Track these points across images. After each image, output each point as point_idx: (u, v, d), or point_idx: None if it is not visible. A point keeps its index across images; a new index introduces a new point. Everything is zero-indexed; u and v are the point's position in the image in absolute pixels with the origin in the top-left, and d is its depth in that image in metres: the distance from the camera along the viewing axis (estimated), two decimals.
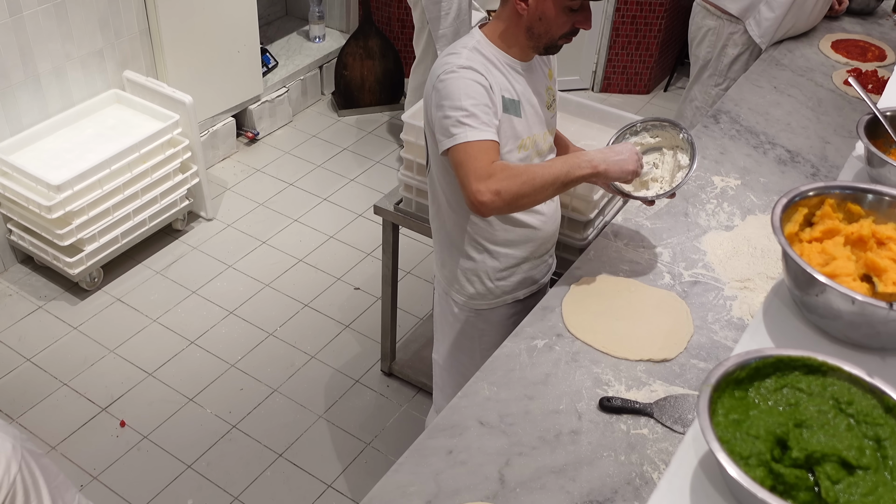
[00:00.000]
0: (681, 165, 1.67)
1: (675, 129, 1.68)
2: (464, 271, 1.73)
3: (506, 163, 1.51)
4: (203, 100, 3.19)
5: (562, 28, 1.51)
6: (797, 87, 2.43)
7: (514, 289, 1.76)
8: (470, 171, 1.46)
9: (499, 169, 1.47)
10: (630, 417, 1.41)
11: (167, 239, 3.10)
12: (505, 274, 1.73)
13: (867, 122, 1.44)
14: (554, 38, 1.53)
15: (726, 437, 1.09)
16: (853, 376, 1.09)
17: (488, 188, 1.45)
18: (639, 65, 4.07)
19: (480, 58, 1.53)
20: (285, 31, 4.01)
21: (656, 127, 1.70)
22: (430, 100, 1.54)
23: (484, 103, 1.49)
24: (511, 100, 1.55)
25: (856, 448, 1.05)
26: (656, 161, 1.71)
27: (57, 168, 2.66)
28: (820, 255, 1.22)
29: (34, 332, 2.71)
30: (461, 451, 1.35)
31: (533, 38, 1.53)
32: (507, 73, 1.56)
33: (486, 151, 1.47)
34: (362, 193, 3.39)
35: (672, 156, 1.70)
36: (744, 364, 1.13)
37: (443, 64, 1.53)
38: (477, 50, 1.54)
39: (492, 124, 1.50)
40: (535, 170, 1.49)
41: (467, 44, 1.55)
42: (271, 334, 2.76)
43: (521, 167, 1.50)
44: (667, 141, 1.71)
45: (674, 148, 1.70)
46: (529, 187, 1.47)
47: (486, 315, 1.78)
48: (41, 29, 2.71)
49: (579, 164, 1.52)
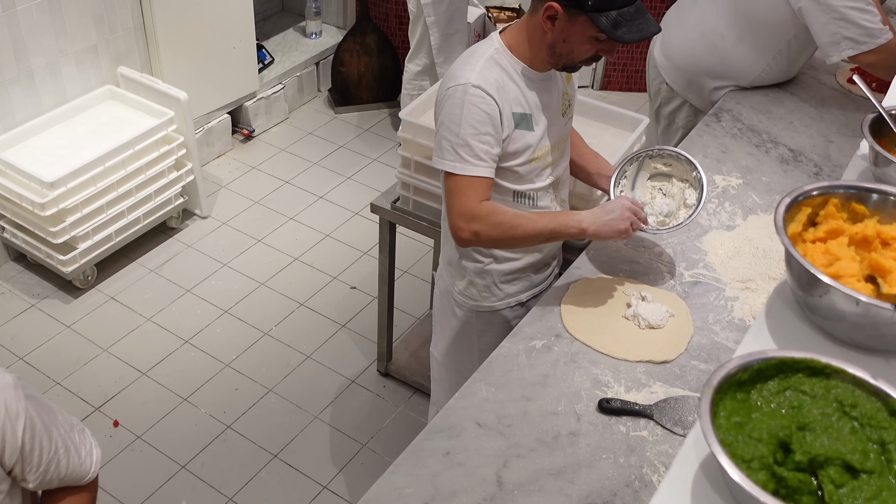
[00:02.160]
0: (686, 204, 1.68)
1: (689, 166, 1.69)
2: (468, 272, 1.73)
3: (493, 206, 1.53)
4: (198, 96, 3.18)
5: (584, 54, 1.50)
6: (800, 85, 2.41)
7: (518, 292, 1.76)
8: (455, 206, 1.52)
9: (484, 212, 1.51)
10: (629, 419, 1.40)
11: (161, 237, 3.09)
12: (509, 278, 1.73)
13: (872, 121, 1.43)
14: (575, 60, 1.52)
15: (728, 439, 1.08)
16: (857, 379, 1.08)
17: (469, 228, 1.52)
18: (639, 62, 4.05)
19: (496, 70, 1.51)
20: (281, 27, 4.00)
21: (672, 157, 1.71)
22: (438, 105, 1.54)
23: (485, 132, 1.49)
24: (523, 114, 1.54)
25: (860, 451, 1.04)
26: (663, 188, 1.73)
27: (50, 165, 2.65)
28: (824, 256, 1.21)
29: (27, 330, 2.69)
30: (458, 452, 1.34)
31: (554, 57, 1.52)
32: (521, 85, 1.54)
33: (474, 189, 1.50)
34: (359, 191, 3.37)
35: (681, 189, 1.71)
36: (746, 366, 1.12)
37: (456, 74, 1.51)
38: (494, 60, 1.52)
39: (488, 157, 1.50)
40: (519, 221, 1.52)
41: (485, 52, 1.53)
42: (266, 333, 2.74)
43: (507, 215, 1.52)
44: (679, 173, 1.72)
45: (684, 181, 1.71)
46: (509, 237, 1.53)
47: (487, 316, 1.78)
48: (35, 24, 2.70)
49: (567, 223, 1.54)
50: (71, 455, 1.21)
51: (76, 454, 1.22)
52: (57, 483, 1.21)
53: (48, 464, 1.17)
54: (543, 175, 1.63)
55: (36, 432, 1.14)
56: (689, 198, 1.68)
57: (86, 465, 1.24)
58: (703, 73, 2.33)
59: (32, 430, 1.13)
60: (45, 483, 1.20)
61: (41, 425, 1.15)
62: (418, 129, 2.01)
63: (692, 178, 1.68)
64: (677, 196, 1.71)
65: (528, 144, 1.56)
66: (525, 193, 1.62)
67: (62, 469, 1.20)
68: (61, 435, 1.19)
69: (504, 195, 1.61)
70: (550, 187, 1.66)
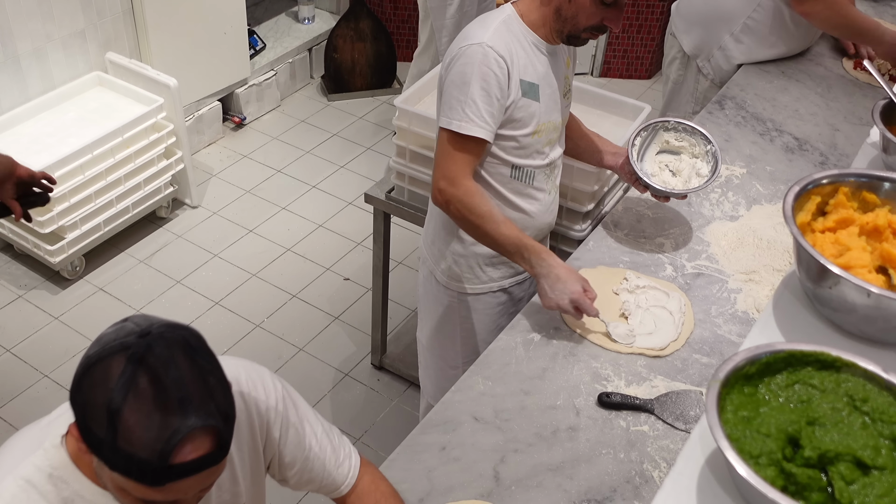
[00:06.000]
0: (699, 174, 1.68)
1: (703, 140, 1.69)
2: (453, 253, 1.71)
3: (476, 190, 1.53)
4: (188, 83, 3.14)
5: (590, 19, 1.49)
6: (805, 72, 2.37)
7: (502, 277, 1.74)
8: (444, 165, 1.53)
9: (466, 191, 1.52)
10: (630, 414, 1.38)
11: (151, 227, 3.05)
12: (494, 261, 1.71)
13: (882, 108, 1.39)
14: (580, 26, 1.51)
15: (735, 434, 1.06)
16: (868, 372, 1.06)
17: (444, 194, 1.53)
18: (640, 49, 4.01)
19: (507, 34, 1.51)
20: (273, 12, 3.95)
21: (686, 131, 1.71)
22: (448, 65, 1.53)
23: (493, 94, 1.48)
24: (531, 83, 1.54)
25: (871, 447, 1.02)
26: (671, 164, 1.72)
27: (37, 153, 2.61)
28: (833, 246, 1.18)
29: (14, 322, 2.66)
30: (455, 447, 1.33)
31: (559, 21, 1.51)
32: (531, 54, 1.54)
33: (468, 150, 1.51)
34: (352, 181, 3.34)
35: (691, 165, 1.71)
36: (754, 359, 1.10)
37: (469, 34, 1.52)
38: (506, 25, 1.52)
39: (491, 119, 1.50)
40: (488, 222, 1.53)
41: (497, 17, 1.53)
42: (258, 326, 2.71)
43: (486, 207, 1.53)
44: (690, 148, 1.72)
45: (694, 157, 1.71)
46: (470, 227, 1.55)
47: (470, 301, 1.76)
48: (20, 8, 2.65)
49: (529, 258, 1.51)
50: (327, 456, 1.15)
51: (333, 455, 1.16)
52: (317, 485, 1.16)
53: (305, 462, 1.13)
54: (544, 152, 1.62)
55: (292, 426, 1.11)
56: (702, 169, 1.69)
57: (343, 468, 1.17)
58: (701, 16, 2.37)
59: (290, 424, 1.11)
60: (304, 483, 1.15)
61: (297, 420, 1.12)
62: (414, 118, 1.97)
63: (704, 152, 1.69)
64: (685, 172, 1.71)
65: (533, 114, 1.56)
66: (523, 168, 1.61)
67: (319, 468, 1.14)
68: (317, 435, 1.15)
69: (503, 168, 1.60)
70: (547, 167, 1.65)
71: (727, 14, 2.32)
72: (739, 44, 2.33)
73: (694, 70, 2.46)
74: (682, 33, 2.45)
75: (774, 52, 2.35)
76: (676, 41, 2.48)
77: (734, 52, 2.35)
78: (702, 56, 2.42)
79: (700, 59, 2.42)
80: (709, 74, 2.42)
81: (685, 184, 1.69)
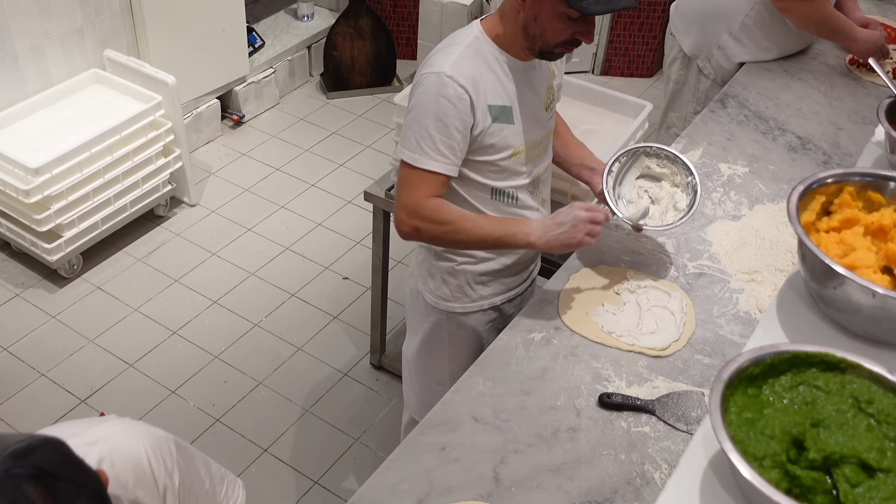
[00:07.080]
0: (676, 207, 1.60)
1: (685, 171, 1.61)
2: (441, 271, 1.66)
3: (440, 204, 1.48)
4: (186, 80, 3.12)
5: (558, 35, 1.42)
6: (809, 70, 2.36)
7: (493, 294, 1.69)
8: (403, 197, 1.48)
9: (429, 209, 1.47)
10: (631, 414, 1.37)
11: (149, 225, 3.04)
12: (484, 279, 1.66)
13: (888, 107, 1.38)
14: (549, 43, 1.44)
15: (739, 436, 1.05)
16: (873, 374, 1.05)
17: (410, 223, 1.49)
18: (641, 47, 4.00)
19: (473, 58, 1.45)
20: (272, 10, 3.94)
21: (668, 158, 1.63)
22: (411, 91, 1.49)
23: (451, 126, 1.43)
24: (502, 107, 1.48)
25: (876, 450, 1.01)
26: (650, 190, 1.65)
27: (35, 151, 2.60)
28: (838, 246, 1.17)
29: (11, 320, 2.64)
30: (454, 447, 1.32)
31: (528, 39, 1.44)
32: (501, 75, 1.48)
33: (425, 183, 1.47)
34: (352, 179, 3.33)
35: (670, 194, 1.63)
36: (758, 360, 1.09)
37: (431, 61, 1.46)
38: (473, 48, 1.46)
39: (450, 153, 1.45)
40: (464, 224, 1.48)
41: (464, 39, 1.47)
42: (256, 325, 2.70)
43: (453, 215, 1.49)
44: (671, 177, 1.64)
45: (675, 186, 1.63)
46: (451, 239, 1.51)
47: (459, 319, 1.71)
48: (18, 5, 2.63)
49: (515, 233, 1.48)
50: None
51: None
52: None
53: None
54: (524, 172, 1.57)
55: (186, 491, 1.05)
56: (680, 202, 1.60)
57: None
58: (699, 15, 2.36)
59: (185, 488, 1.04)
60: None
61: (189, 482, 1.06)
62: None
63: (685, 184, 1.61)
64: (664, 201, 1.63)
65: (507, 138, 1.50)
66: (504, 191, 1.56)
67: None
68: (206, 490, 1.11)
69: (483, 192, 1.55)
70: (531, 185, 1.60)
71: (726, 13, 2.31)
72: (739, 42, 2.32)
73: (695, 70, 2.45)
74: (682, 33, 2.44)
75: (774, 51, 2.34)
76: (676, 42, 2.47)
77: (734, 50, 2.34)
78: (702, 56, 2.41)
79: (700, 59, 2.41)
80: (710, 74, 2.41)
81: (662, 214, 1.61)
